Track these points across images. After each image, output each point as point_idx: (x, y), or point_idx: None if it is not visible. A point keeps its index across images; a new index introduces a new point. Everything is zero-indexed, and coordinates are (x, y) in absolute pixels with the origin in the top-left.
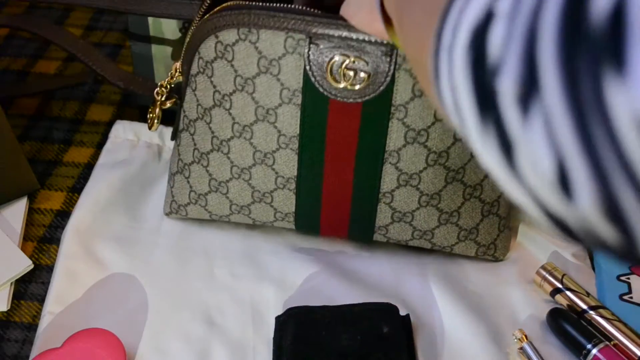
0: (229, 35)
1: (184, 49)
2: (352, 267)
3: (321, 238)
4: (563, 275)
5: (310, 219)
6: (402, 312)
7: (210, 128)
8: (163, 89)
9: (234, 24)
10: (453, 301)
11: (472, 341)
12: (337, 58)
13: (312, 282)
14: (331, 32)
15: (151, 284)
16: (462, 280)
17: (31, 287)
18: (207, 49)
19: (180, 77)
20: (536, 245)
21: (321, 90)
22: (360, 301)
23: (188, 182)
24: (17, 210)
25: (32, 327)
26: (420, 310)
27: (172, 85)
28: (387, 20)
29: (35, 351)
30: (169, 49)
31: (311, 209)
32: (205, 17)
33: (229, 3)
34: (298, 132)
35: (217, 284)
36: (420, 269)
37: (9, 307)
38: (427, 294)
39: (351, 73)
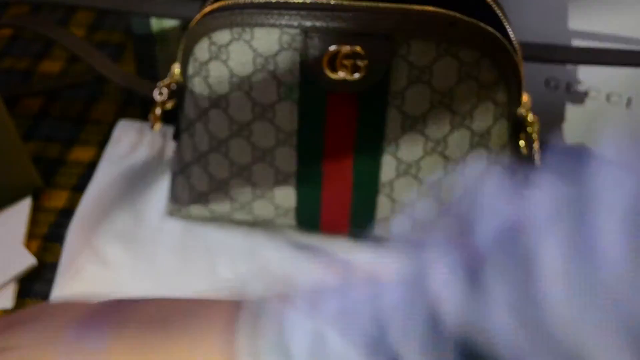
0: (222, 36)
1: (180, 51)
2: None
3: (323, 235)
4: None
5: (311, 215)
6: None
7: (207, 129)
8: (163, 89)
9: (227, 24)
10: None
11: None
12: (333, 49)
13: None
14: (326, 24)
15: (154, 282)
16: None
17: (35, 285)
18: (201, 50)
19: (180, 78)
20: None
21: (318, 83)
22: None
23: (189, 182)
24: (22, 208)
25: None
26: None
27: (173, 87)
28: None
29: None
30: (172, 49)
31: (312, 204)
32: (198, 18)
33: (220, 3)
34: (296, 127)
35: (220, 282)
36: None
37: (13, 305)
38: None
39: (348, 63)
